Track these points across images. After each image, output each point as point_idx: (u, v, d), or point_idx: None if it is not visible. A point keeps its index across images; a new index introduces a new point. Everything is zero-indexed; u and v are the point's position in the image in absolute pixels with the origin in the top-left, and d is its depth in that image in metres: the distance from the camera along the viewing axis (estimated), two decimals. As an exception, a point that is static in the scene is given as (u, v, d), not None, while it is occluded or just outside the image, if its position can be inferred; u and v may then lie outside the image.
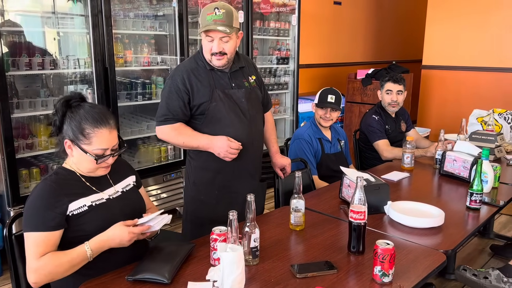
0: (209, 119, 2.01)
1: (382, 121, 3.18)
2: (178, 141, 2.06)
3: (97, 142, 1.47)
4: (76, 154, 1.50)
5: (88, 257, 1.42)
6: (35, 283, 1.39)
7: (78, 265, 1.41)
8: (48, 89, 3.11)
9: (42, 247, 1.38)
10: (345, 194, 2.14)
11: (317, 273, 1.44)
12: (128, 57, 3.41)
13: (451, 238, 1.77)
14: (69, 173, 1.53)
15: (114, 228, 1.46)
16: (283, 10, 4.59)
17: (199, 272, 1.46)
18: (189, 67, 2.03)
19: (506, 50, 4.66)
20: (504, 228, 3.59)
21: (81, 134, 1.46)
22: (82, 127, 1.46)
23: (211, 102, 1.99)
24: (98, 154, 1.48)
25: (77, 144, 1.47)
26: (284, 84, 4.73)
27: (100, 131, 1.47)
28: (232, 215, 1.37)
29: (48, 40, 3.07)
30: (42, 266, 1.37)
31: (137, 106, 3.76)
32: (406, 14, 7.12)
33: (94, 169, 1.52)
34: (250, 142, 2.09)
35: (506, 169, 2.75)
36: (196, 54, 2.09)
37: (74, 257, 1.40)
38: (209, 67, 2.02)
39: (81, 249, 1.41)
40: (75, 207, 1.46)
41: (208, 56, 1.99)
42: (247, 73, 2.14)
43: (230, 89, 2.04)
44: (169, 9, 3.53)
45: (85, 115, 1.47)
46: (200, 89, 1.99)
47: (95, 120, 1.47)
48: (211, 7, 1.91)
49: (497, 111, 3.61)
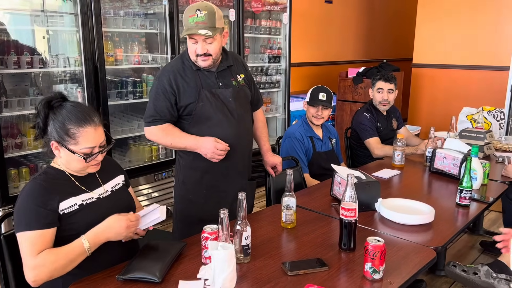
0: (196, 119, 2.01)
1: (374, 119, 3.19)
2: (166, 142, 2.06)
3: (83, 141, 1.46)
4: (64, 155, 1.48)
5: (86, 251, 1.41)
6: (34, 281, 1.36)
7: (77, 260, 1.40)
8: (37, 88, 3.08)
9: (38, 245, 1.37)
10: (336, 191, 2.14)
11: (308, 271, 1.45)
12: (118, 55, 3.39)
13: (441, 234, 1.79)
14: (58, 172, 1.52)
15: (109, 218, 1.46)
16: (275, 8, 4.59)
17: (190, 271, 1.46)
18: (175, 67, 2.02)
19: (495, 49, 4.71)
20: (494, 224, 3.63)
21: (66, 135, 1.45)
22: (67, 127, 1.45)
23: (198, 102, 1.98)
24: (86, 153, 1.47)
25: (64, 145, 1.46)
26: (275, 83, 4.74)
27: (85, 129, 1.46)
28: (223, 213, 1.37)
29: (37, 39, 3.04)
30: (41, 262, 1.35)
31: (127, 105, 3.73)
32: (397, 13, 7.16)
33: (84, 168, 1.51)
34: (238, 141, 2.08)
35: (495, 166, 2.78)
36: (182, 53, 2.08)
37: (72, 251, 1.39)
38: (196, 67, 2.00)
39: (78, 242, 1.41)
40: (66, 205, 1.45)
41: (193, 57, 1.97)
42: (235, 71, 2.12)
43: (217, 88, 2.03)
44: (160, 7, 3.52)
45: (68, 115, 1.46)
46: (187, 89, 1.98)
47: (79, 119, 1.45)
48: (192, 8, 1.88)
49: (486, 109, 3.65)
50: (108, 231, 1.45)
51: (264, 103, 4.71)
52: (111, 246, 1.51)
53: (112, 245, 1.52)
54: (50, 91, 3.12)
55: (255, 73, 4.56)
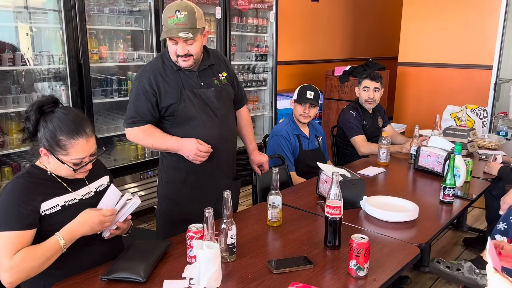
0: (179, 120, 1.99)
1: (360, 117, 3.21)
2: (147, 143, 2.05)
3: (74, 152, 1.44)
4: (53, 163, 1.46)
5: (61, 247, 1.39)
6: (10, 283, 1.34)
7: (53, 257, 1.38)
8: (20, 86, 3.03)
9: (15, 246, 1.34)
10: (322, 189, 2.15)
11: (294, 268, 1.45)
12: (103, 53, 3.35)
13: (425, 231, 1.81)
14: (42, 172, 1.49)
15: (83, 213, 1.44)
16: (261, 6, 4.58)
17: (175, 270, 1.45)
18: (156, 67, 1.98)
19: (478, 48, 4.77)
20: (477, 221, 3.68)
21: (57, 145, 1.42)
22: (58, 138, 1.42)
23: (180, 103, 1.96)
24: (76, 163, 1.46)
25: (53, 154, 1.44)
26: (262, 81, 4.74)
27: (77, 142, 1.44)
28: (208, 212, 1.36)
29: (20, 36, 2.99)
30: (17, 263, 1.33)
31: (112, 103, 3.70)
32: (383, 12, 7.21)
33: (72, 176, 1.50)
34: (222, 141, 2.07)
35: (478, 164, 2.82)
36: (163, 53, 2.03)
37: (48, 249, 1.37)
38: (176, 67, 1.98)
39: (54, 240, 1.39)
40: (48, 206, 1.43)
41: (174, 58, 1.94)
42: (217, 70, 2.09)
43: (199, 88, 2.00)
44: (145, 4, 3.48)
45: (60, 125, 1.42)
46: (168, 90, 1.95)
47: (71, 130, 1.43)
48: (171, 9, 1.84)
49: (470, 107, 3.70)
50: (82, 226, 1.43)
51: (251, 101, 4.71)
52: (94, 246, 1.49)
53: (96, 246, 1.50)
54: (33, 88, 3.07)
55: (242, 71, 4.55)
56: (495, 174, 2.53)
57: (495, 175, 2.53)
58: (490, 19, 4.66)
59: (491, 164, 2.59)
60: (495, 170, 2.53)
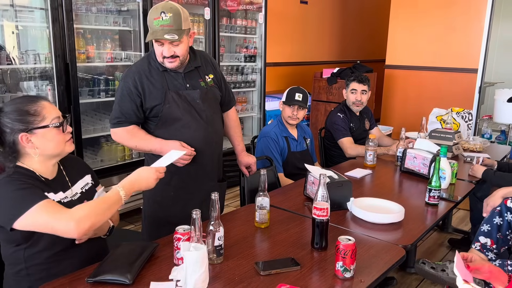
0: (163, 121, 1.98)
1: (347, 119, 3.24)
2: (131, 144, 2.05)
3: (47, 113, 1.44)
4: (39, 140, 1.42)
5: (122, 199, 1.43)
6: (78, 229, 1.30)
7: (112, 207, 1.41)
8: (5, 85, 2.98)
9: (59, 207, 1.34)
10: (310, 191, 2.16)
11: (281, 270, 1.46)
12: (90, 52, 3.32)
13: (411, 233, 1.83)
14: (27, 171, 1.45)
15: (141, 169, 1.53)
16: (250, 8, 4.59)
17: (162, 272, 1.44)
18: (141, 68, 1.98)
19: (464, 52, 4.85)
20: (462, 222, 3.74)
21: (29, 115, 1.40)
22: (25, 110, 1.41)
23: (165, 104, 1.95)
24: (58, 123, 1.45)
25: (33, 128, 1.40)
26: (251, 82, 4.74)
27: (42, 103, 1.45)
28: (196, 213, 1.36)
29: (6, 34, 2.95)
30: (80, 208, 1.35)
31: (100, 103, 3.66)
32: (371, 15, 7.28)
33: (63, 143, 1.48)
34: (207, 143, 2.07)
35: (463, 166, 2.86)
36: (149, 54, 2.03)
37: (108, 198, 1.41)
38: (162, 68, 1.97)
39: (114, 190, 1.43)
40: None
41: (160, 59, 1.94)
42: (203, 72, 2.09)
43: (185, 90, 2.00)
44: (133, 4, 3.46)
45: (17, 102, 1.43)
46: (153, 91, 1.95)
47: (31, 100, 1.45)
48: (157, 10, 1.83)
49: (455, 110, 3.76)
50: (140, 181, 1.51)
51: (240, 102, 4.71)
52: (78, 249, 1.48)
53: (80, 248, 1.48)
54: (18, 88, 3.03)
55: (230, 72, 4.55)
56: (479, 177, 2.57)
57: (479, 178, 2.57)
58: (476, 23, 4.74)
59: (475, 167, 2.63)
60: (479, 173, 2.57)
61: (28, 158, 1.46)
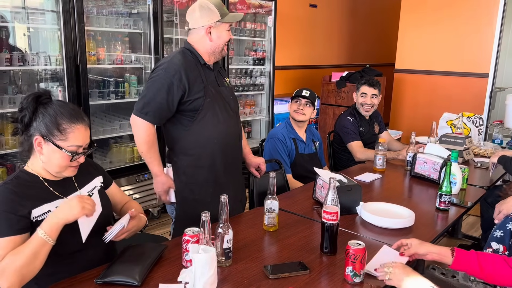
0: (202, 115, 1.99)
1: (357, 123, 3.22)
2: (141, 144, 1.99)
3: (73, 138, 1.42)
4: (47, 151, 1.43)
5: (43, 238, 1.30)
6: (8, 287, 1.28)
7: (40, 252, 1.30)
8: (16, 86, 3.01)
9: (6, 251, 1.30)
10: (319, 195, 2.15)
11: (290, 274, 1.45)
12: (101, 54, 3.34)
13: (421, 238, 1.79)
14: (31, 177, 1.45)
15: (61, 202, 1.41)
16: (260, 11, 4.60)
17: (171, 274, 1.44)
18: (184, 61, 1.97)
19: (475, 56, 4.81)
20: (472, 228, 3.69)
21: (56, 130, 1.40)
22: (59, 122, 1.41)
23: (206, 97, 1.98)
24: (72, 151, 1.43)
25: (51, 140, 1.41)
26: (260, 85, 4.74)
27: (77, 127, 1.43)
28: (205, 216, 1.36)
29: (17, 36, 2.98)
30: (6, 265, 1.27)
31: (109, 105, 3.69)
32: (380, 19, 7.25)
33: (64, 168, 1.45)
34: (239, 139, 2.16)
35: (474, 171, 2.83)
36: (183, 50, 2.03)
37: (31, 242, 1.30)
38: (202, 62, 2.02)
39: (35, 233, 1.32)
40: (39, 213, 1.39)
41: (224, 45, 2.03)
42: (223, 74, 2.19)
43: (217, 86, 2.07)
44: (144, 7, 3.48)
45: (61, 110, 1.43)
46: (195, 84, 1.96)
47: (72, 116, 1.43)
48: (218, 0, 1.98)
49: (466, 115, 3.72)
50: (61, 212, 1.35)
51: (248, 105, 4.72)
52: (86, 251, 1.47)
53: (88, 250, 1.48)
54: (29, 89, 3.06)
55: (239, 75, 4.55)
56: (495, 162, 2.55)
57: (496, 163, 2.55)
58: (487, 28, 4.70)
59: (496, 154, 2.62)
60: (495, 158, 2.56)
61: (36, 160, 1.46)
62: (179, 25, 3.78)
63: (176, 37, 3.82)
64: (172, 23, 3.78)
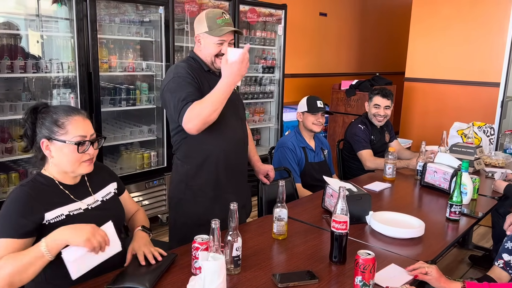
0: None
1: (368, 131, 3.21)
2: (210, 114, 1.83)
3: (72, 129, 1.45)
4: (55, 151, 1.45)
5: (45, 254, 1.28)
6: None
7: (34, 263, 1.28)
8: (30, 92, 3.06)
9: (5, 252, 1.30)
10: (328, 203, 2.15)
11: (298, 283, 1.44)
12: (112, 62, 3.39)
13: (431, 248, 1.79)
14: (47, 180, 1.48)
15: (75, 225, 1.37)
16: (270, 19, 4.63)
17: (180, 281, 1.45)
18: (188, 66, 1.98)
19: (486, 65, 4.78)
20: (483, 239, 3.65)
21: (56, 126, 1.44)
22: (55, 119, 1.45)
23: None
24: (77, 142, 1.45)
25: (54, 137, 1.44)
26: (269, 93, 4.76)
27: (74, 118, 1.47)
28: (215, 223, 1.36)
29: (31, 43, 3.03)
30: (1, 266, 1.27)
31: (120, 112, 3.72)
32: (390, 28, 7.25)
33: (76, 164, 1.47)
34: (244, 143, 2.16)
35: (485, 181, 2.80)
36: (187, 59, 2.05)
37: (28, 252, 1.29)
38: (207, 68, 2.02)
39: (37, 244, 1.31)
40: (52, 216, 1.42)
41: (212, 58, 1.98)
42: None
43: None
44: (156, 15, 3.53)
45: (55, 109, 1.48)
46: (203, 88, 1.95)
47: (66, 111, 1.48)
48: (215, 11, 1.96)
49: (477, 124, 3.69)
50: (67, 229, 1.33)
51: (258, 113, 4.73)
52: None
53: None
54: (43, 96, 3.11)
55: (249, 83, 4.58)
56: (501, 192, 2.52)
57: (502, 193, 2.52)
58: (498, 36, 4.68)
59: (498, 182, 2.58)
60: (501, 188, 2.52)
61: (50, 166, 1.50)
62: (189, 33, 3.82)
63: (186, 45, 3.86)
64: (183, 31, 3.82)
